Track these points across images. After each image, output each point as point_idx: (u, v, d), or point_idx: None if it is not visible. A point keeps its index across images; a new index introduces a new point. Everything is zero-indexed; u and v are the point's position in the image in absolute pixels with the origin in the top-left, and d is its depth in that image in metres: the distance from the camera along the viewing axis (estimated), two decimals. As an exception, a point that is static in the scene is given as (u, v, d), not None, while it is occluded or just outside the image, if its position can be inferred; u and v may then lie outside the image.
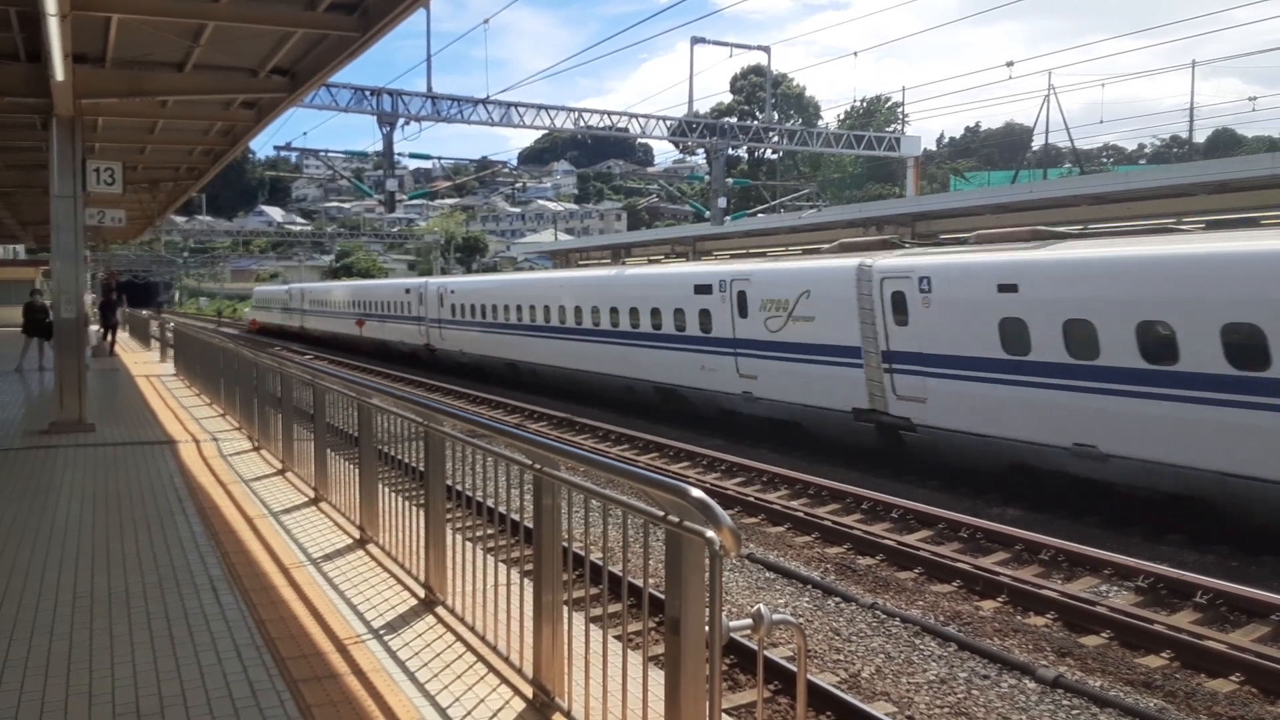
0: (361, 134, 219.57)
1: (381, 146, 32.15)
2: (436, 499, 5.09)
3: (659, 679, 3.10)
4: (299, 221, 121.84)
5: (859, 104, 76.97)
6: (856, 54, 64.13)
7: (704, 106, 62.00)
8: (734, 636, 2.76)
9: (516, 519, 4.47)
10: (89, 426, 11.84)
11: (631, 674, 3.94)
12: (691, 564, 2.91)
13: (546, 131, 47.03)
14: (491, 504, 4.60)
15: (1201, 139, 73.13)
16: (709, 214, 40.39)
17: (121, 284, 53.38)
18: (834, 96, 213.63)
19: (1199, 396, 10.18)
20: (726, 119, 54.82)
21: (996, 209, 21.54)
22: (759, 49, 42.24)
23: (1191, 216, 15.79)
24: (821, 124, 66.15)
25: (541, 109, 33.07)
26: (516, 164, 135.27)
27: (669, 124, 36.59)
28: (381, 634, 4.80)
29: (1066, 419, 11.45)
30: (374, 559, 6.11)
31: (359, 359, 35.83)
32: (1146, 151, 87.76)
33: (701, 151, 53.08)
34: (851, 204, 44.17)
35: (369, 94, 29.74)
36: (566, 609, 3.81)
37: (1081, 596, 8.44)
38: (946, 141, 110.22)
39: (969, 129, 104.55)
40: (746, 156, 76.60)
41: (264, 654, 4.53)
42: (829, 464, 14.63)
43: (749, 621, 2.70)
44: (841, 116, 78.35)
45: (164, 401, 15.18)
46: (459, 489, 5.42)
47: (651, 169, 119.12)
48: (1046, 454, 11.75)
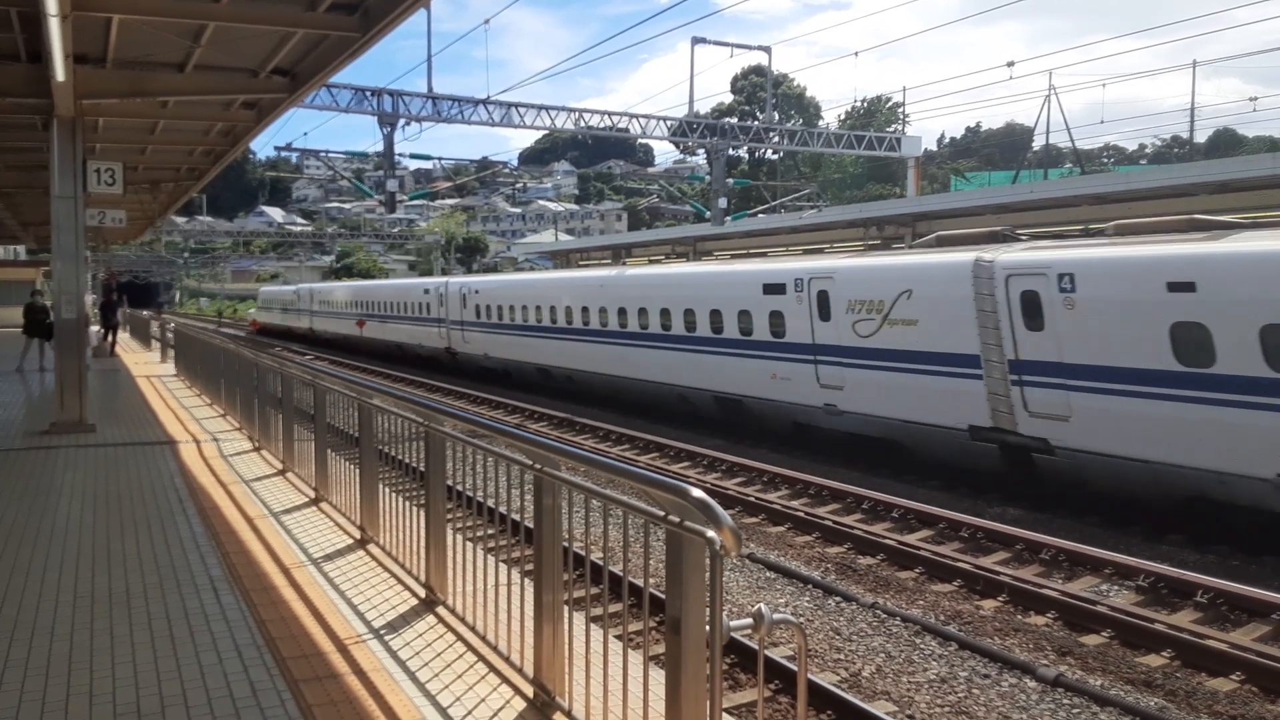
0: (362, 134, 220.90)
1: (382, 147, 32.14)
2: (437, 499, 5.09)
3: (660, 678, 3.10)
4: (299, 222, 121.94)
5: (860, 104, 77.03)
6: (857, 54, 64.02)
7: (704, 107, 62.23)
8: (734, 636, 2.76)
9: (517, 519, 4.48)
10: (89, 427, 11.84)
11: (632, 673, 3.94)
12: (692, 564, 2.92)
13: (547, 132, 47.07)
14: (492, 504, 4.60)
15: (1202, 139, 73.28)
16: (709, 214, 40.42)
17: (122, 284, 53.47)
18: (835, 97, 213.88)
19: None
20: (727, 119, 54.91)
21: (997, 209, 21.56)
22: (760, 49, 42.40)
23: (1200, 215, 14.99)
24: (822, 124, 66.18)
25: (542, 109, 33.07)
26: (517, 164, 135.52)
27: (669, 124, 36.62)
28: (382, 634, 4.80)
29: (1267, 445, 9.70)
30: (374, 559, 6.12)
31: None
32: (1147, 152, 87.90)
33: (702, 152, 53.13)
34: (852, 204, 44.22)
35: (369, 94, 29.75)
36: (567, 609, 3.82)
37: (1082, 596, 8.44)
38: (947, 142, 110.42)
39: (970, 129, 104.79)
40: (747, 157, 76.63)
41: (265, 654, 4.53)
42: (829, 463, 14.63)
43: (749, 621, 2.70)
44: (842, 117, 78.43)
45: (164, 402, 15.19)
46: (459, 489, 5.42)
47: (652, 169, 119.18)
48: (1238, 486, 9.98)
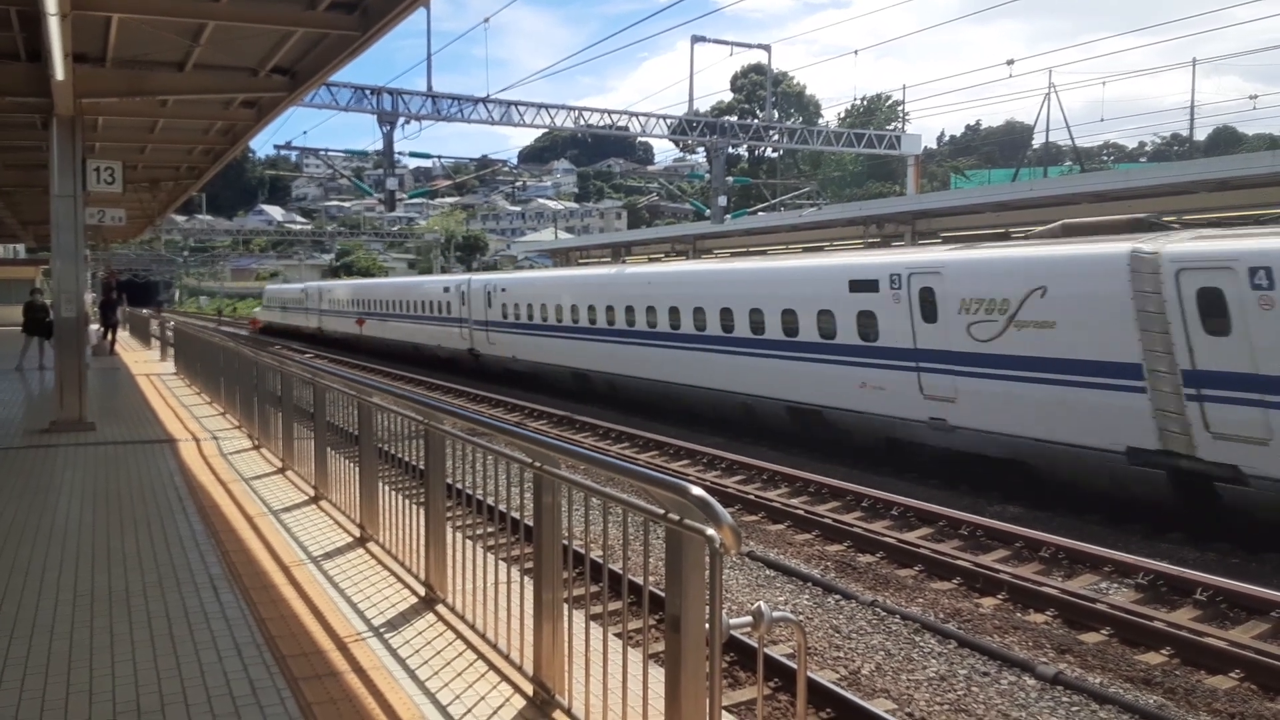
0: (361, 133, 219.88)
1: (381, 145, 32.20)
2: (437, 497, 5.09)
3: (659, 676, 3.10)
4: (299, 220, 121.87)
5: (859, 102, 77.15)
6: (857, 52, 64.47)
7: (704, 105, 62.16)
8: (734, 634, 2.76)
9: (517, 517, 4.48)
10: (89, 425, 11.84)
11: (632, 671, 3.94)
12: (692, 562, 2.91)
13: (547, 130, 47.04)
14: (492, 502, 4.60)
15: (1202, 137, 73.33)
16: (709, 212, 40.42)
17: (122, 283, 53.36)
18: (834, 95, 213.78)
19: None
20: (727, 117, 54.93)
21: (997, 207, 21.58)
22: (759, 48, 42.47)
23: (1191, 215, 15.12)
24: (822, 122, 66.32)
25: (542, 108, 33.09)
26: (516, 163, 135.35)
27: (669, 122, 36.64)
28: (382, 632, 4.80)
29: None
30: (374, 557, 6.12)
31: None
32: (1147, 149, 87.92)
33: (702, 150, 53.11)
34: (852, 202, 44.21)
35: (369, 93, 29.77)
36: (567, 607, 3.81)
37: (1081, 594, 8.45)
38: (947, 140, 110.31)
39: (969, 127, 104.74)
40: (747, 155, 76.60)
41: (264, 652, 4.53)
42: (828, 462, 14.63)
43: (749, 619, 2.71)
44: (842, 115, 78.55)
45: (164, 400, 15.19)
46: (459, 487, 5.42)
47: (652, 167, 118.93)
48: None
